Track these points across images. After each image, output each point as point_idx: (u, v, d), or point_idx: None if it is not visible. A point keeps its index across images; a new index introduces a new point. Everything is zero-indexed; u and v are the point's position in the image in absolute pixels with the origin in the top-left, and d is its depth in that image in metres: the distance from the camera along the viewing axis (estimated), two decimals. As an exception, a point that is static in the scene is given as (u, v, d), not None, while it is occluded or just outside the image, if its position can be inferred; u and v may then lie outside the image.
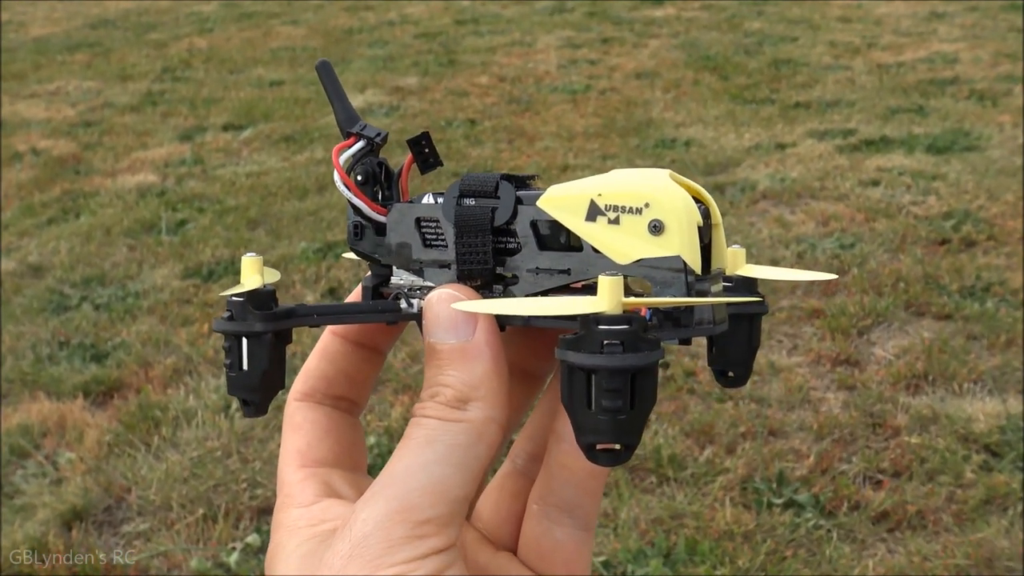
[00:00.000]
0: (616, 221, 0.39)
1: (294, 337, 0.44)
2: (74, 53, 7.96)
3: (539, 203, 0.41)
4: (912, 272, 3.03)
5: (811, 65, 6.08)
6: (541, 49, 7.03)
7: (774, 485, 2.11)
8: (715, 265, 0.40)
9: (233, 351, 0.42)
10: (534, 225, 0.42)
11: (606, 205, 0.39)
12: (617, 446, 0.35)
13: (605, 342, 0.34)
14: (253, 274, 0.42)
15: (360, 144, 0.46)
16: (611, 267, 0.39)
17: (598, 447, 0.36)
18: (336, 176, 0.45)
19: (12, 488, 2.28)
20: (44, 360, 2.87)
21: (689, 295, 0.38)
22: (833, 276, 0.46)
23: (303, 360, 0.47)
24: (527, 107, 5.58)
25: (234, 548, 2.02)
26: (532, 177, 0.44)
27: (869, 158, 4.22)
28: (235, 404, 2.53)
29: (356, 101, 5.88)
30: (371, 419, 2.42)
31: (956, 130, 4.51)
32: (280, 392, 0.44)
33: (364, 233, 0.46)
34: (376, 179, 0.46)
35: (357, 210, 0.46)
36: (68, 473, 2.30)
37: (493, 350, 0.39)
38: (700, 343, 0.44)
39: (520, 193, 0.42)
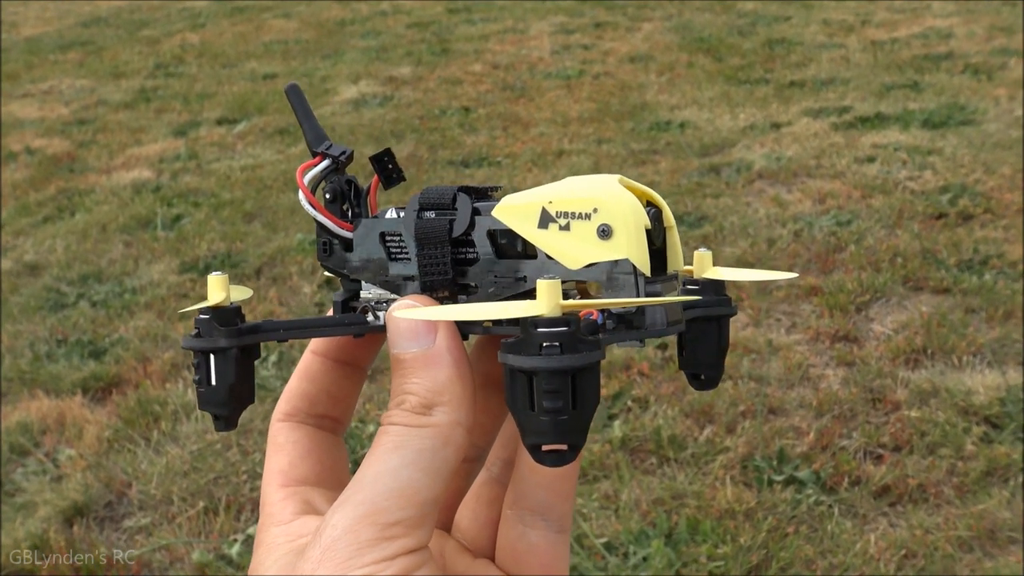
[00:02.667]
0: (567, 227, 0.39)
1: (288, 354, 0.45)
2: (67, 52, 7.94)
3: (494, 212, 0.42)
4: (909, 247, 3.03)
5: (805, 44, 6.06)
6: (534, 35, 7.01)
7: (775, 463, 2.11)
8: (671, 267, 0.40)
9: (201, 367, 0.43)
10: (491, 235, 0.42)
11: (557, 212, 0.40)
12: (562, 446, 0.36)
13: (544, 344, 0.35)
14: (218, 291, 0.43)
15: (325, 163, 0.46)
16: (563, 272, 0.40)
17: (543, 448, 0.36)
18: (301, 196, 0.46)
19: (13, 486, 2.28)
20: (43, 358, 2.87)
21: (639, 297, 0.38)
22: (794, 275, 0.46)
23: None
24: (521, 93, 5.57)
25: (236, 540, 2.02)
26: (495, 188, 0.44)
27: (864, 135, 4.20)
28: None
29: (350, 92, 5.87)
30: (370, 408, 2.42)
31: (951, 105, 4.50)
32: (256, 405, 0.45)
33: (332, 250, 0.47)
34: (345, 196, 0.47)
35: (324, 228, 0.46)
36: (68, 470, 2.30)
37: (455, 356, 0.40)
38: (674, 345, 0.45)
39: (478, 204, 0.43)
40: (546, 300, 0.35)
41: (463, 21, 7.71)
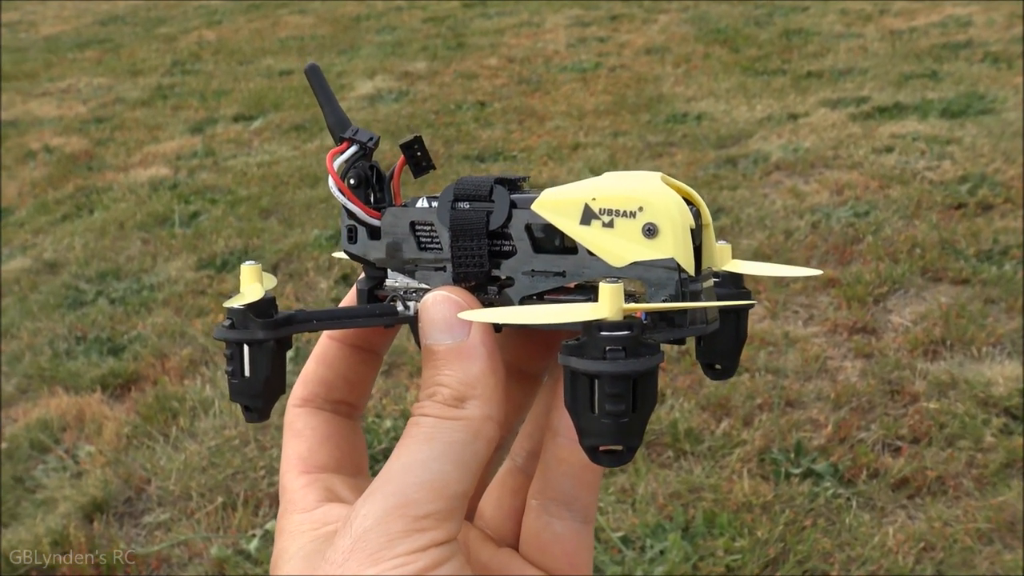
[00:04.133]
0: (611, 224, 0.40)
1: (305, 349, 0.45)
2: (84, 50, 7.98)
3: (534, 207, 0.42)
4: (928, 238, 3.00)
5: (822, 34, 6.02)
6: (550, 29, 7.00)
7: (792, 455, 2.10)
8: (706, 265, 0.41)
9: (235, 358, 0.43)
10: (528, 228, 0.42)
11: (600, 209, 0.40)
12: (620, 447, 0.36)
13: (608, 348, 0.35)
14: (253, 282, 0.43)
15: (353, 149, 0.47)
16: (605, 269, 0.40)
17: (601, 449, 0.36)
18: (331, 181, 0.46)
19: (33, 482, 2.30)
20: (62, 355, 2.89)
21: (683, 295, 0.39)
22: (818, 272, 0.46)
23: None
24: (537, 87, 5.56)
25: (254, 535, 2.03)
26: (523, 179, 0.44)
27: (883, 125, 4.17)
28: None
29: (365, 88, 5.88)
30: (386, 403, 2.43)
31: (970, 94, 4.46)
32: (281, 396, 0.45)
33: (357, 236, 0.47)
34: (368, 183, 0.47)
35: (351, 214, 0.46)
36: (88, 466, 2.32)
37: (488, 349, 0.40)
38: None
39: (515, 196, 0.43)
40: (609, 303, 0.36)
41: (478, 15, 7.70)
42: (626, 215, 0.39)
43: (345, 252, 0.47)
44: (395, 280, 0.46)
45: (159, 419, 2.47)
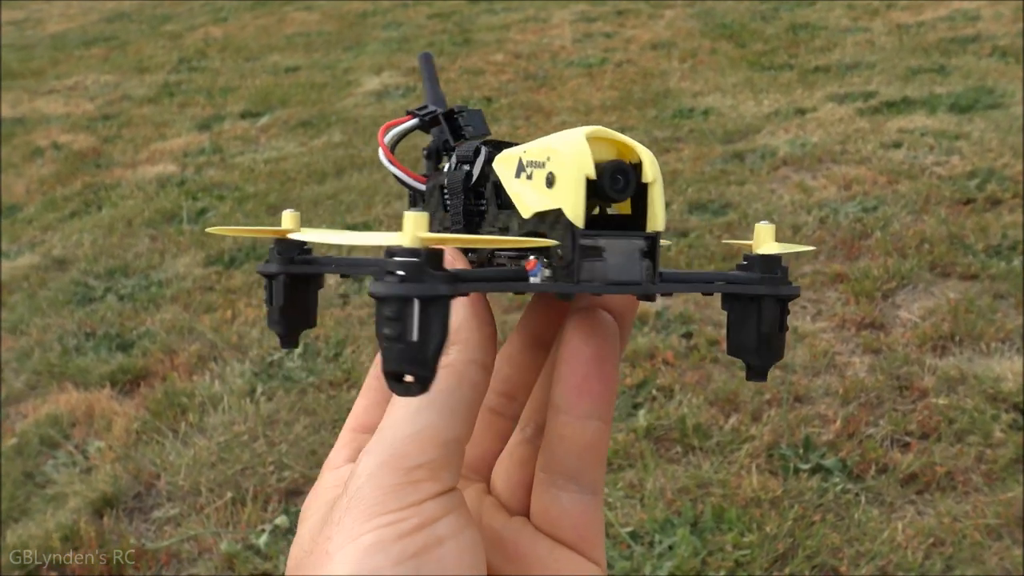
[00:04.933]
0: (530, 176, 0.39)
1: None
2: (91, 48, 8.00)
3: (493, 163, 0.42)
4: (936, 233, 3.00)
5: (829, 28, 6.00)
6: (556, 24, 6.99)
7: (801, 451, 2.10)
8: (651, 227, 0.38)
9: (266, 289, 0.47)
10: (495, 186, 0.43)
11: (527, 161, 0.40)
12: (410, 377, 0.35)
13: (388, 271, 0.34)
14: (288, 223, 0.47)
15: (412, 122, 0.49)
16: (519, 221, 0.40)
17: (389, 373, 0.35)
18: (380, 149, 0.48)
19: (43, 478, 2.31)
20: (71, 351, 2.90)
21: (574, 249, 0.37)
22: (811, 248, 0.46)
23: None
24: (543, 83, 5.56)
25: (263, 530, 2.04)
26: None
27: (890, 120, 4.16)
28: (260, 389, 2.55)
29: (372, 84, 5.88)
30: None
31: (979, 88, 4.44)
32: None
33: (416, 200, 0.50)
34: (439, 154, 0.49)
35: (400, 179, 0.49)
36: (98, 461, 2.32)
37: (469, 296, 0.39)
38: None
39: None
40: (407, 231, 0.35)
41: (484, 11, 7.70)
42: (539, 165, 0.39)
43: None
44: None
45: (168, 415, 2.48)
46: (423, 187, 0.48)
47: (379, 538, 0.35)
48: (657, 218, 0.38)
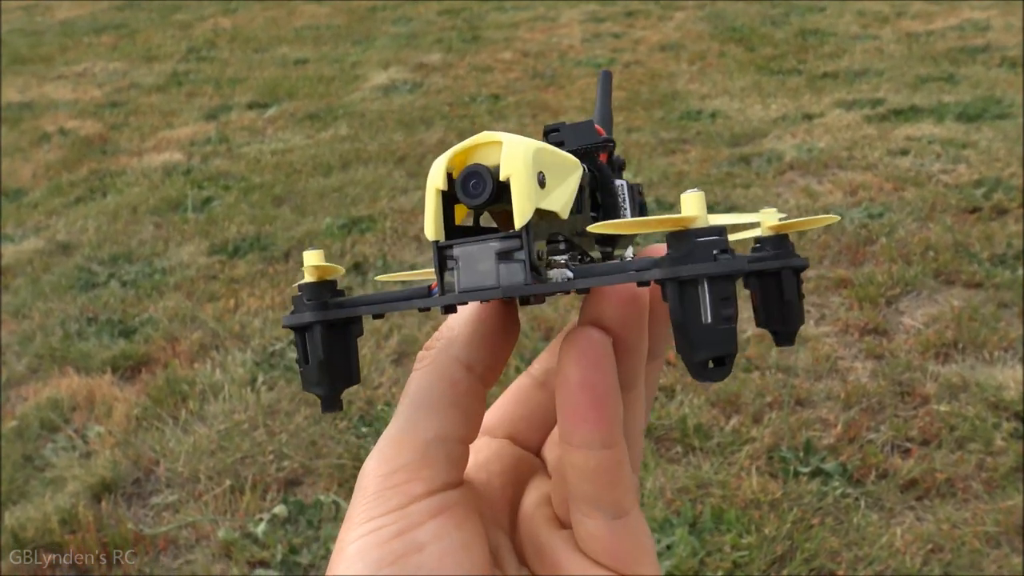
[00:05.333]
0: None
1: None
2: (100, 35, 8.00)
3: None
4: (942, 240, 2.99)
5: (839, 35, 6.00)
6: (565, 23, 6.99)
7: (801, 454, 2.10)
8: (516, 224, 0.35)
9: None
10: None
11: None
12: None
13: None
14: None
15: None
16: None
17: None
18: None
19: (43, 461, 2.31)
20: (73, 336, 2.90)
21: (436, 262, 0.37)
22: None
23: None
24: (551, 82, 5.55)
25: (261, 519, 2.04)
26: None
27: (898, 127, 4.16)
28: (261, 378, 2.55)
29: (380, 78, 5.88)
30: (395, 391, 2.43)
31: (987, 98, 4.44)
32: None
33: None
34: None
35: None
36: (97, 446, 2.32)
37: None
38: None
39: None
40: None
41: (494, 8, 7.69)
42: None
43: None
44: None
45: (169, 402, 2.48)
46: None
47: (361, 547, 0.35)
48: (519, 215, 0.35)
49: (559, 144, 0.45)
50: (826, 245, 3.06)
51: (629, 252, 0.47)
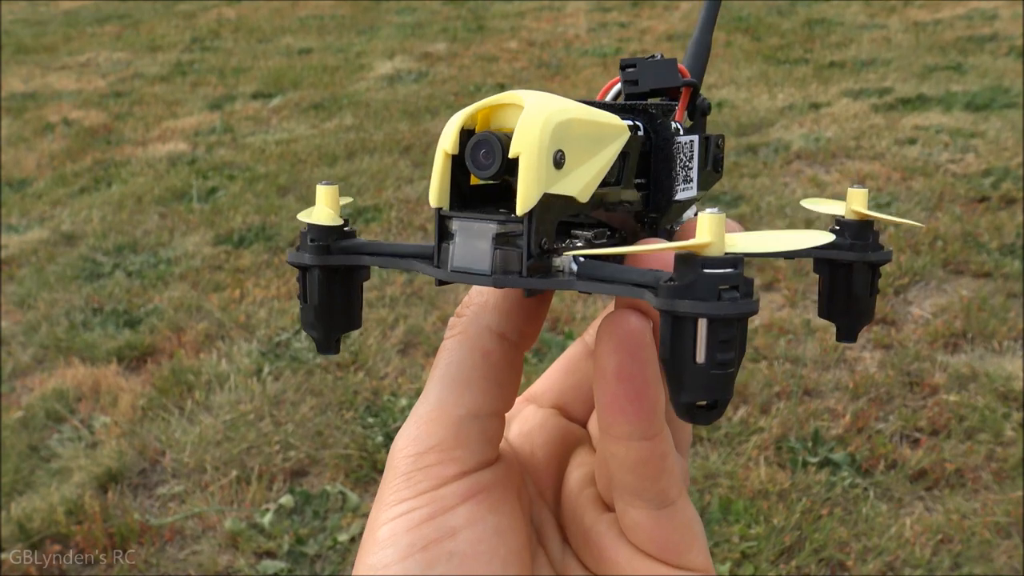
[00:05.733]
0: None
1: None
2: (104, 25, 7.98)
3: None
4: (950, 230, 2.98)
5: (846, 24, 5.97)
6: (570, 13, 6.96)
7: (809, 444, 2.09)
8: (521, 207, 0.32)
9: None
10: None
11: None
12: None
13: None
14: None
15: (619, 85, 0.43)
16: None
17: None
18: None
19: (49, 452, 2.30)
20: (78, 326, 2.89)
21: (437, 230, 0.34)
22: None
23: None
24: (557, 71, 5.53)
25: (267, 509, 2.03)
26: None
27: (905, 117, 4.14)
28: (267, 368, 2.54)
29: (385, 68, 5.86)
30: (402, 381, 2.42)
31: (995, 87, 4.41)
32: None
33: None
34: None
35: None
36: (103, 437, 2.32)
37: None
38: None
39: None
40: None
41: (499, -2, 7.67)
42: None
43: None
44: None
45: (174, 392, 2.47)
46: None
47: (391, 530, 0.34)
48: (522, 201, 0.32)
49: (633, 83, 0.41)
50: (834, 235, 3.04)
51: (691, 212, 0.42)
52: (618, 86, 0.42)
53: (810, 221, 3.15)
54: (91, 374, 2.58)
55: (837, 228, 0.40)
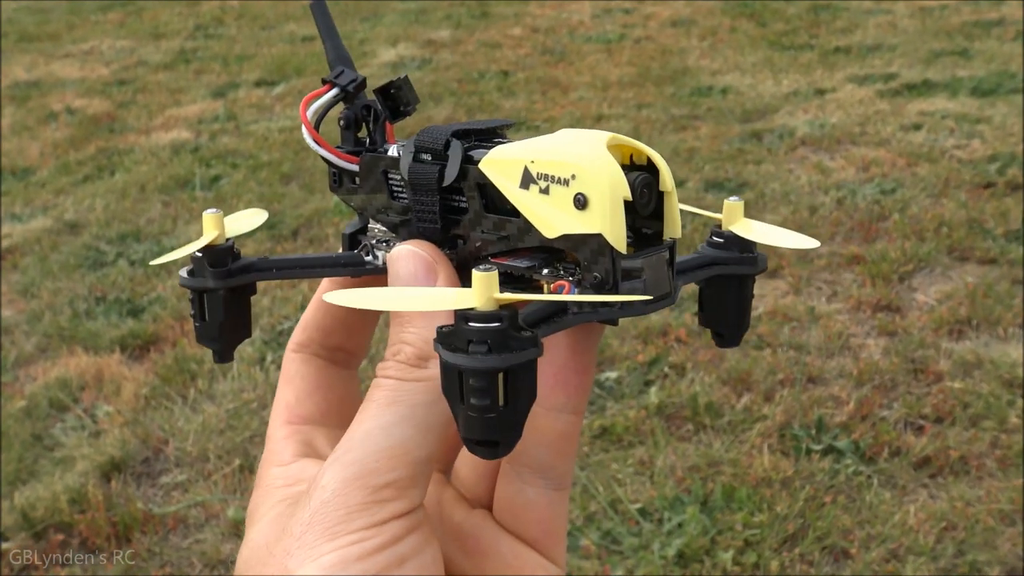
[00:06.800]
0: (546, 191, 0.36)
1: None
2: (107, 13, 7.97)
3: (480, 165, 0.39)
4: (955, 216, 2.96)
5: (851, 9, 5.94)
6: (574, -1, 6.93)
7: (813, 432, 2.08)
8: (668, 234, 0.37)
9: (195, 303, 0.43)
10: (479, 187, 0.39)
11: (538, 173, 0.37)
12: (495, 440, 0.33)
13: (470, 342, 0.32)
14: (211, 229, 0.42)
15: (332, 93, 0.45)
16: (540, 239, 0.37)
17: (475, 440, 0.34)
18: (303, 128, 0.44)
19: (52, 440, 2.30)
20: (81, 315, 2.89)
21: (614, 274, 0.36)
22: (815, 243, 0.43)
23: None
24: (561, 58, 5.51)
25: (270, 497, 2.03)
26: (507, 125, 0.42)
27: (911, 102, 4.12)
28: (270, 356, 2.54)
29: (388, 55, 5.84)
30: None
31: (1001, 72, 4.39)
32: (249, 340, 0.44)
33: (342, 180, 0.45)
34: (358, 123, 0.45)
35: (328, 160, 0.45)
36: (106, 426, 2.32)
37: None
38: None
39: (473, 152, 0.40)
40: (478, 292, 0.32)
41: (503, -16, 7.64)
42: (560, 182, 0.36)
43: (334, 193, 0.46)
44: (375, 227, 0.44)
45: (177, 381, 2.47)
46: (354, 167, 0.44)
47: (342, 557, 0.34)
48: (676, 224, 0.37)
49: (403, 105, 0.45)
50: (838, 221, 3.03)
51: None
52: (329, 95, 0.45)
53: (814, 208, 3.14)
54: (94, 363, 2.58)
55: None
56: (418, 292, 0.37)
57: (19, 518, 1.99)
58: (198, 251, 0.42)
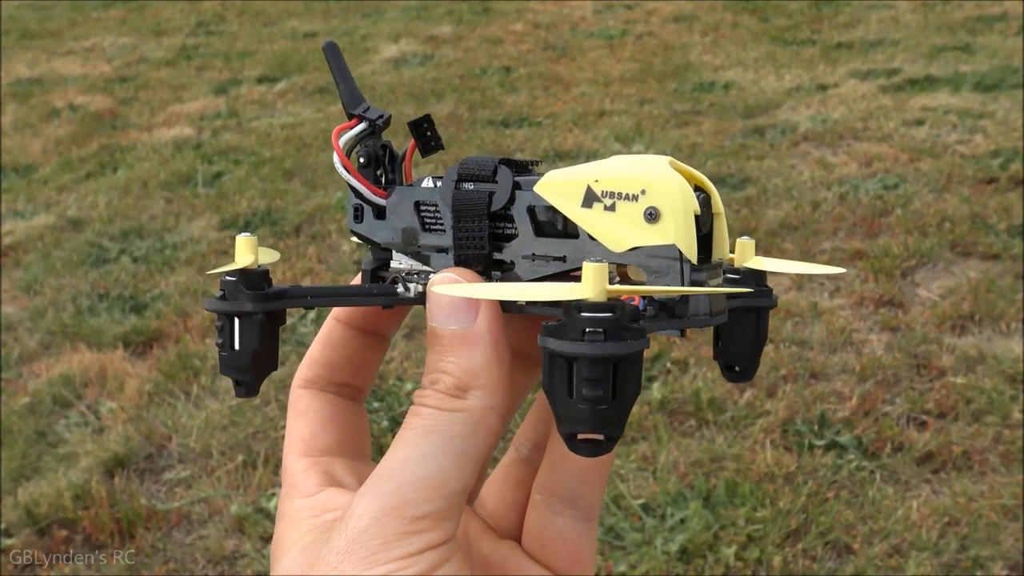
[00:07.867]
0: (612, 208, 0.38)
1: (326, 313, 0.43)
2: (109, 9, 7.97)
3: (536, 188, 0.40)
4: (958, 212, 2.96)
5: (854, 5, 5.93)
6: (576, -5, 6.93)
7: (816, 427, 2.08)
8: (716, 256, 0.39)
9: (225, 330, 0.42)
10: (531, 211, 0.41)
11: (603, 191, 0.38)
12: (599, 436, 0.34)
13: (587, 330, 0.33)
14: (246, 253, 0.42)
15: (361, 126, 0.45)
16: (605, 254, 0.38)
17: (579, 437, 0.34)
18: (336, 158, 0.44)
19: (55, 437, 2.31)
20: (84, 312, 2.89)
21: (685, 285, 0.37)
22: (841, 270, 0.45)
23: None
24: (563, 53, 5.51)
25: (274, 494, 2.03)
26: (536, 162, 0.43)
27: (914, 97, 4.11)
28: (273, 353, 2.54)
29: (390, 51, 5.84)
30: (408, 365, 2.42)
31: (1004, 67, 4.38)
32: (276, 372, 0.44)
33: (364, 216, 0.45)
34: (379, 161, 0.45)
35: (357, 193, 0.45)
36: (110, 422, 2.32)
37: (494, 337, 0.38)
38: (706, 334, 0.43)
39: (519, 178, 0.41)
40: (592, 284, 0.34)
41: (505, -20, 7.63)
42: (628, 198, 0.37)
43: (351, 232, 0.46)
44: (399, 262, 0.45)
45: (181, 377, 2.48)
46: (383, 201, 0.45)
47: None
48: (724, 245, 0.39)
49: (432, 140, 0.46)
50: (841, 217, 3.03)
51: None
52: (358, 128, 0.45)
53: (816, 203, 3.14)
54: (97, 359, 2.59)
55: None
56: (533, 285, 0.38)
57: (23, 515, 2.00)
58: (229, 275, 0.41)
